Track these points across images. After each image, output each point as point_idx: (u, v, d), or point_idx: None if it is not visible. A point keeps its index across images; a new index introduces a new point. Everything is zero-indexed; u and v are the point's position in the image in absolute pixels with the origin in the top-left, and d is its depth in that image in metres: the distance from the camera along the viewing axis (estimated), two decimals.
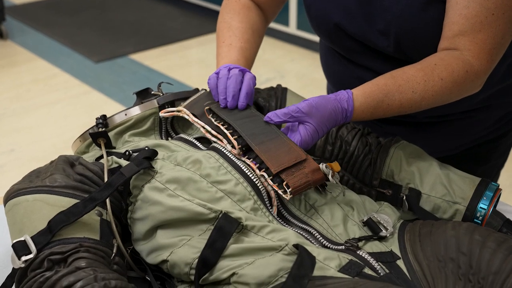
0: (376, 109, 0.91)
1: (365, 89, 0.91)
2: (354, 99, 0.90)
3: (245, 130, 0.89)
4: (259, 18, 1.13)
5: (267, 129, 0.90)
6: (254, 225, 0.77)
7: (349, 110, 0.90)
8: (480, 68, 0.92)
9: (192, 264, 0.76)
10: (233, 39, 1.06)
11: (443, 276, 0.73)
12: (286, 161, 0.84)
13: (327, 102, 0.88)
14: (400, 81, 0.91)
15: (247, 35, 1.07)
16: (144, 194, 0.82)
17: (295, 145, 0.86)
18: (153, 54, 4.09)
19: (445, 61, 0.91)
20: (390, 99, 0.91)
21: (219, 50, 1.06)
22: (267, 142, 0.87)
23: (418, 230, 0.82)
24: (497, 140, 1.20)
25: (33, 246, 0.73)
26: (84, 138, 0.99)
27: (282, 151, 0.85)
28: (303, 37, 4.03)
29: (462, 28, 0.91)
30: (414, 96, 0.91)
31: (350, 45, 1.09)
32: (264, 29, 1.15)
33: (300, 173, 0.83)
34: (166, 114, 0.96)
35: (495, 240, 0.74)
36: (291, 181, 0.82)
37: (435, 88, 0.91)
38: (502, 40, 0.91)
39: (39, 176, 0.85)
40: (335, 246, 0.80)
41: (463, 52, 0.92)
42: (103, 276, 0.70)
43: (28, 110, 3.27)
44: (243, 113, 0.93)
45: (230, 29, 1.08)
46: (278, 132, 0.89)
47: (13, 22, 4.73)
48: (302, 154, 0.85)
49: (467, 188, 0.92)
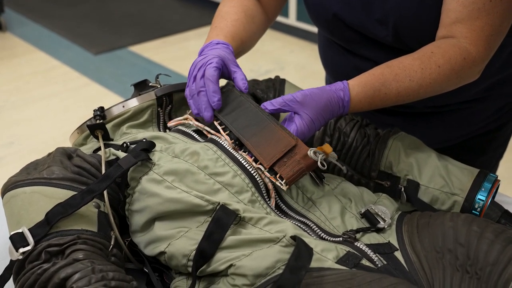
0: (374, 99, 0.91)
1: (361, 79, 0.91)
2: (350, 89, 0.90)
3: (237, 124, 0.88)
4: (254, 7, 1.11)
5: (257, 118, 0.88)
6: (251, 217, 0.77)
7: (346, 100, 0.89)
8: (477, 55, 0.91)
9: (189, 256, 0.76)
10: (220, 21, 1.06)
11: (440, 267, 0.73)
12: (277, 151, 0.83)
13: (322, 92, 0.88)
14: (397, 70, 0.91)
15: (236, 15, 1.06)
16: (142, 186, 0.82)
17: (284, 131, 0.85)
18: (153, 46, 4.09)
19: (442, 49, 0.91)
20: (387, 88, 0.90)
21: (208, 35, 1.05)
22: (258, 133, 0.86)
23: (416, 222, 0.82)
24: (496, 131, 1.20)
25: (31, 238, 0.73)
26: (82, 130, 0.98)
27: (272, 142, 0.85)
28: (303, 28, 4.01)
29: (459, 15, 0.91)
30: (411, 85, 0.90)
31: (349, 36, 1.09)
32: (261, 17, 1.13)
33: (292, 161, 0.82)
34: (173, 123, 0.96)
35: (493, 231, 0.74)
36: (283, 172, 0.81)
37: (432, 75, 0.90)
38: (500, 27, 0.91)
39: (37, 168, 0.85)
40: (332, 238, 0.80)
41: (460, 40, 0.91)
42: (101, 268, 0.70)
43: (27, 103, 3.27)
44: (234, 103, 0.92)
45: (219, 14, 1.08)
46: (268, 119, 0.87)
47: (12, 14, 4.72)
48: (292, 140, 0.84)
49: (466, 179, 0.92)
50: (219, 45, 0.98)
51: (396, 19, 0.98)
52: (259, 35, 1.13)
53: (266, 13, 1.15)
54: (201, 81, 0.91)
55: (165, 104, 1.01)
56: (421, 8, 0.96)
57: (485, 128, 1.18)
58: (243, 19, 1.06)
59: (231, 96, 0.94)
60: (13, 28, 4.43)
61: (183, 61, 3.81)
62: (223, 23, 1.05)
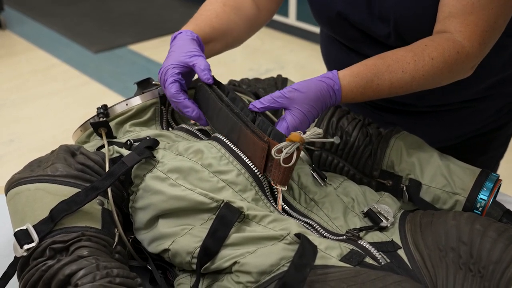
0: (366, 89, 0.90)
1: (353, 69, 0.90)
2: (341, 78, 0.89)
3: (221, 130, 0.88)
4: (243, 1, 1.11)
5: (231, 121, 0.86)
6: (255, 215, 0.78)
7: (336, 88, 0.88)
8: (471, 50, 0.91)
9: (193, 253, 0.76)
10: (197, 15, 1.06)
11: (443, 266, 0.73)
12: (259, 159, 0.81)
13: (310, 83, 0.87)
14: (390, 61, 0.90)
15: (210, 6, 1.07)
16: (146, 184, 0.82)
17: (254, 134, 0.82)
18: (152, 45, 4.08)
19: (436, 42, 0.91)
20: (379, 78, 0.90)
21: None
22: (239, 140, 0.85)
23: (419, 220, 0.82)
24: (497, 131, 1.20)
25: (35, 234, 0.73)
26: (85, 128, 0.98)
27: (251, 148, 0.83)
28: (303, 28, 4.02)
29: (453, 10, 0.91)
30: (404, 76, 0.90)
31: (352, 34, 1.09)
32: (249, 11, 1.11)
33: (274, 164, 0.79)
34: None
35: (496, 230, 0.74)
36: (274, 177, 0.80)
37: (425, 68, 0.90)
38: (494, 24, 0.91)
39: (40, 165, 0.85)
40: (336, 237, 0.80)
41: (455, 34, 0.91)
42: (105, 265, 0.71)
43: (27, 101, 3.27)
44: (210, 104, 0.91)
45: (200, 9, 1.09)
46: (238, 121, 0.85)
47: (11, 12, 4.72)
48: (263, 144, 0.80)
49: (468, 179, 0.92)
50: (180, 35, 0.98)
51: (396, 17, 0.99)
52: (245, 28, 1.11)
53: (258, 9, 1.13)
54: (172, 95, 0.92)
55: (168, 103, 1.01)
56: (421, 5, 0.96)
57: (486, 127, 1.19)
58: (218, 9, 1.06)
59: (205, 95, 0.92)
60: (13, 26, 4.42)
61: None
62: (196, 15, 1.05)
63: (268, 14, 1.17)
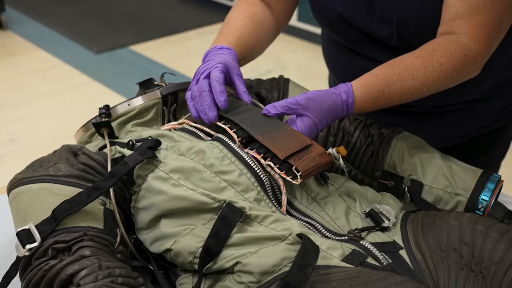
0: (378, 99, 0.91)
1: (364, 80, 0.91)
2: (354, 90, 0.90)
3: (247, 123, 0.89)
4: (262, 12, 1.12)
5: (267, 120, 0.89)
6: (257, 215, 0.78)
7: (350, 102, 0.90)
8: (478, 51, 0.92)
9: (196, 253, 0.77)
10: (225, 27, 1.07)
11: (445, 266, 0.73)
12: (292, 146, 0.84)
13: (325, 95, 0.89)
14: (399, 69, 0.91)
15: (241, 21, 1.08)
16: (148, 184, 0.82)
17: (297, 132, 0.86)
18: (153, 45, 4.09)
19: (443, 46, 0.91)
20: (390, 88, 0.91)
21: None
22: (270, 131, 0.87)
23: (421, 221, 0.82)
24: (499, 131, 1.21)
25: (38, 234, 0.73)
26: (87, 128, 0.99)
27: (286, 139, 0.85)
28: (304, 28, 4.02)
29: (459, 11, 0.91)
30: (414, 84, 0.91)
31: (353, 36, 1.09)
32: (270, 23, 1.14)
33: (307, 157, 0.83)
34: (166, 128, 0.97)
35: (498, 231, 0.74)
36: (300, 165, 0.82)
37: (435, 74, 0.91)
38: (500, 23, 0.91)
39: (43, 165, 0.85)
40: (337, 237, 0.80)
41: (461, 36, 0.92)
42: (108, 265, 0.71)
43: (27, 100, 3.27)
44: (240, 108, 0.93)
45: (226, 21, 1.10)
46: (278, 122, 0.89)
47: (12, 12, 4.72)
48: (307, 140, 0.85)
49: (469, 179, 0.92)
50: (223, 50, 1.00)
51: (399, 17, 0.99)
52: (267, 40, 1.14)
53: (275, 18, 1.15)
54: (204, 81, 0.92)
55: (170, 103, 1.01)
56: (423, 6, 0.96)
57: (488, 128, 1.19)
58: (248, 25, 1.07)
59: (236, 103, 0.94)
60: (14, 26, 4.43)
61: (183, 60, 3.81)
62: (228, 29, 1.06)
63: (284, 23, 1.20)
